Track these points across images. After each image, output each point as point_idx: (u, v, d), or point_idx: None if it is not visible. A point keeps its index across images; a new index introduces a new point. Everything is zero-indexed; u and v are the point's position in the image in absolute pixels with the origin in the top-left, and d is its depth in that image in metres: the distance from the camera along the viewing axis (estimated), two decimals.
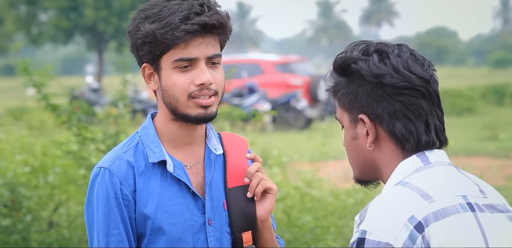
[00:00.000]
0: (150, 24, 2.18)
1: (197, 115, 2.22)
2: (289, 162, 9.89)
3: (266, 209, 2.32)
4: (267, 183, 2.30)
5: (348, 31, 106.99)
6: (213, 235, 2.26)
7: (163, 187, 2.23)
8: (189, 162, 2.29)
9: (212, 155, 2.31)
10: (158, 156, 2.23)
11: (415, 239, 1.76)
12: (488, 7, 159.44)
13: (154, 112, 2.34)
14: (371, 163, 1.94)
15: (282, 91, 20.55)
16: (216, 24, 2.20)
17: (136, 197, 2.21)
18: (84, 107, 6.00)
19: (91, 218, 2.22)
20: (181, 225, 2.22)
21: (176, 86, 2.20)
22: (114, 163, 2.22)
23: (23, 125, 16.60)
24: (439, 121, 1.91)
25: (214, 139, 2.34)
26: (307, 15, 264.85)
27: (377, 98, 1.89)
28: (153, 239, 2.21)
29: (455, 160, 9.72)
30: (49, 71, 6.02)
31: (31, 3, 33.82)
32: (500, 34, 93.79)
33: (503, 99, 23.93)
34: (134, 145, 2.27)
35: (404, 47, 1.93)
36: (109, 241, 2.19)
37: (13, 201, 5.79)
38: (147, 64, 2.25)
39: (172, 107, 2.23)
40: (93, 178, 2.23)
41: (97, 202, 2.20)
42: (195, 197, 2.26)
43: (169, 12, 2.18)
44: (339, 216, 6.84)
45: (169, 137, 2.28)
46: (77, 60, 75.88)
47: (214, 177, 2.30)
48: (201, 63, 2.21)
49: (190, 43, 2.18)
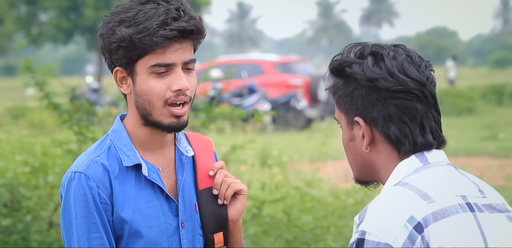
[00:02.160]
0: (126, 28, 2.14)
1: (169, 124, 2.19)
2: (289, 162, 9.89)
3: (237, 209, 2.31)
4: (236, 186, 2.29)
5: (348, 31, 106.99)
6: (186, 237, 2.25)
7: (138, 190, 2.21)
8: (160, 164, 2.27)
9: (183, 157, 2.30)
10: (132, 160, 2.21)
11: (415, 239, 1.76)
12: (488, 7, 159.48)
13: (123, 114, 2.31)
14: (368, 164, 1.94)
15: (282, 91, 20.54)
16: (194, 30, 2.17)
17: (114, 200, 2.19)
18: (85, 106, 6.01)
19: (68, 224, 2.18)
20: (157, 228, 2.21)
21: (152, 91, 2.17)
22: (89, 167, 2.18)
23: (23, 125, 16.60)
24: (435, 123, 1.91)
25: (183, 141, 2.32)
26: (307, 15, 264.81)
27: (372, 101, 1.88)
28: (130, 242, 2.19)
29: (455, 160, 9.72)
30: (51, 69, 6.02)
31: (31, 3, 33.81)
32: (500, 34, 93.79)
33: (503, 99, 23.93)
34: (106, 148, 2.23)
35: (401, 49, 1.92)
36: (91, 244, 2.16)
37: (12, 202, 5.78)
38: (120, 68, 2.20)
39: (145, 112, 2.20)
40: (68, 184, 2.19)
41: (75, 207, 2.17)
42: (169, 200, 2.25)
43: (145, 17, 2.14)
44: (339, 216, 6.84)
45: (140, 141, 2.25)
46: (77, 60, 75.86)
47: (186, 179, 2.29)
48: (177, 69, 2.18)
49: (168, 48, 2.15)
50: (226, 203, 2.31)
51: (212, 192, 2.31)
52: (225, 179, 2.30)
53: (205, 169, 2.32)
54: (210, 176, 2.32)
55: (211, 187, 2.31)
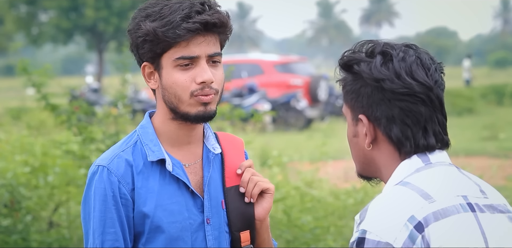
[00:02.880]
0: (151, 23, 2.17)
1: (197, 113, 2.21)
2: (289, 162, 9.88)
3: (264, 208, 2.32)
4: (263, 184, 2.30)
5: (348, 31, 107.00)
6: (211, 234, 2.26)
7: (162, 185, 2.23)
8: (187, 161, 2.29)
9: (210, 154, 2.31)
10: (157, 155, 2.23)
11: (415, 239, 1.76)
12: (488, 7, 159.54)
13: (152, 111, 2.34)
14: (370, 161, 1.94)
15: (282, 91, 20.55)
16: (217, 23, 2.20)
17: (135, 195, 2.20)
18: (84, 107, 6.00)
19: (87, 216, 2.21)
20: (179, 223, 2.22)
21: (177, 84, 2.20)
22: (112, 162, 2.21)
23: (22, 125, 16.59)
24: (440, 126, 1.90)
25: (212, 139, 2.34)
26: (307, 15, 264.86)
27: (377, 101, 1.88)
28: (151, 237, 2.21)
29: (455, 160, 9.68)
30: (48, 71, 6.02)
31: (31, 3, 33.82)
32: (500, 34, 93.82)
33: (503, 99, 23.95)
34: (132, 143, 2.26)
35: (412, 50, 1.91)
36: (104, 239, 2.18)
37: (12, 202, 5.78)
38: (147, 63, 2.24)
39: (172, 105, 2.23)
40: (90, 176, 2.23)
41: (94, 200, 2.20)
42: (194, 196, 2.26)
43: (170, 11, 2.18)
44: (339, 216, 6.84)
45: (168, 136, 2.28)
46: (77, 60, 75.90)
47: (213, 176, 2.31)
48: (202, 61, 2.20)
49: (191, 41, 2.18)
50: (253, 201, 2.32)
51: (239, 190, 2.32)
52: (252, 177, 2.31)
53: (234, 167, 2.34)
54: (238, 174, 2.33)
55: (239, 185, 2.32)
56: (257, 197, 2.32)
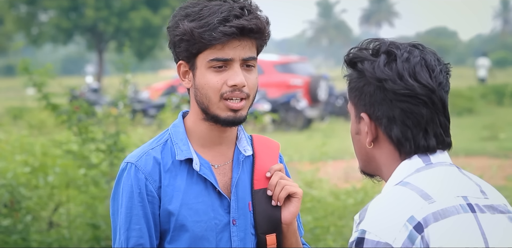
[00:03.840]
0: (189, 22, 2.19)
1: (226, 117, 2.23)
2: (289, 162, 9.89)
3: (291, 212, 2.32)
4: (290, 188, 2.31)
5: (348, 31, 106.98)
6: (237, 235, 2.27)
7: (189, 185, 2.24)
8: (217, 162, 2.30)
9: (241, 156, 2.33)
10: (185, 154, 2.25)
11: (414, 239, 1.76)
12: (488, 7, 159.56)
13: (185, 111, 2.36)
14: (371, 159, 1.94)
15: (282, 91, 20.54)
16: (254, 29, 2.21)
17: (161, 193, 2.23)
18: (84, 106, 6.00)
19: (115, 212, 2.25)
20: (204, 223, 2.23)
21: (209, 85, 2.22)
22: (140, 159, 2.24)
23: (23, 125, 16.59)
24: (442, 128, 1.89)
25: (244, 141, 2.35)
26: (307, 15, 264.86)
27: (379, 100, 1.88)
28: (176, 236, 2.23)
29: (455, 160, 9.66)
30: (49, 70, 6.02)
31: (31, 3, 33.80)
32: (500, 34, 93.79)
33: (503, 99, 23.93)
34: (163, 142, 2.29)
35: (418, 50, 1.89)
36: (129, 235, 2.21)
37: (12, 202, 5.78)
38: (183, 62, 2.27)
39: (203, 106, 2.24)
40: (120, 173, 2.26)
41: (122, 197, 2.23)
42: (221, 197, 2.27)
43: (209, 12, 2.19)
44: (339, 216, 6.83)
45: (199, 136, 2.30)
46: (77, 60, 75.86)
47: (241, 178, 2.31)
48: (235, 65, 2.22)
49: (226, 44, 2.20)
50: (280, 204, 2.32)
51: (267, 193, 2.32)
52: (280, 181, 2.31)
53: (264, 170, 2.35)
54: (267, 177, 2.34)
55: (267, 188, 2.33)
56: (284, 201, 2.32)
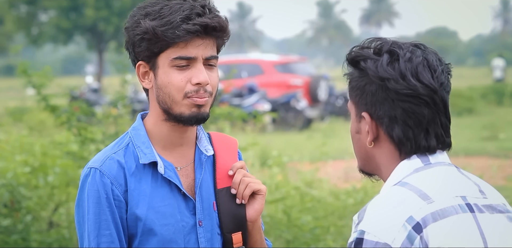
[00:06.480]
0: (150, 21, 2.17)
1: (190, 114, 2.20)
2: (289, 162, 9.89)
3: (255, 209, 2.31)
4: (254, 185, 2.29)
5: (348, 31, 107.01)
6: (204, 236, 2.25)
7: (154, 188, 2.22)
8: (179, 163, 2.28)
9: (202, 156, 2.30)
10: (149, 157, 2.22)
11: (413, 239, 1.76)
12: (488, 7, 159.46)
13: (144, 113, 2.33)
14: (371, 158, 1.94)
15: (282, 91, 20.53)
16: (217, 27, 2.20)
17: (128, 197, 2.20)
18: (83, 107, 6.00)
19: (81, 219, 2.20)
20: (172, 226, 2.21)
21: (172, 84, 2.19)
22: (104, 164, 2.20)
23: (22, 125, 16.59)
24: (443, 129, 1.89)
25: (204, 140, 2.33)
26: (307, 15, 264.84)
27: (381, 100, 1.88)
28: (144, 240, 2.20)
29: (455, 160, 9.68)
30: (48, 73, 6.02)
31: (31, 3, 33.81)
32: (500, 34, 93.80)
33: (503, 99, 23.95)
34: (124, 146, 2.25)
35: (420, 50, 1.89)
36: (100, 241, 2.17)
37: (12, 202, 5.78)
38: (142, 62, 2.24)
39: (166, 106, 2.22)
40: (83, 179, 2.21)
41: (88, 203, 2.18)
42: (186, 199, 2.25)
43: (170, 11, 2.18)
44: (339, 216, 6.84)
45: (160, 138, 2.27)
46: (77, 60, 75.87)
47: (204, 178, 2.30)
48: (198, 63, 2.20)
49: (189, 43, 2.18)
50: (244, 202, 2.31)
51: (230, 192, 2.31)
52: (243, 179, 2.30)
53: (226, 168, 2.33)
54: (229, 175, 2.32)
55: (230, 186, 2.31)
56: (249, 199, 2.31)
